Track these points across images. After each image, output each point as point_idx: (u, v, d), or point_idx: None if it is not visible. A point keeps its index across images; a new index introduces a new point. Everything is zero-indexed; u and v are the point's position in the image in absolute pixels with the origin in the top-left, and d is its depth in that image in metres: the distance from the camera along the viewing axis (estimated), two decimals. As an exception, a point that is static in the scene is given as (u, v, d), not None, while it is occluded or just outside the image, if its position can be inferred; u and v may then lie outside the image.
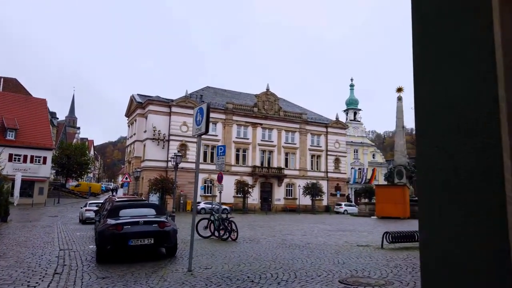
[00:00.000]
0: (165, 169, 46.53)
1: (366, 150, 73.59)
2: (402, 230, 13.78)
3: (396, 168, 35.14)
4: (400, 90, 36.74)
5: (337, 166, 58.04)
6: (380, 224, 25.75)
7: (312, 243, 14.20)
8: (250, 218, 31.85)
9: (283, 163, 53.79)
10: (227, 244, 13.71)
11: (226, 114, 51.03)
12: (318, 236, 16.82)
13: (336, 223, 26.31)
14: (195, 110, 9.36)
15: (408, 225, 24.97)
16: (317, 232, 19.13)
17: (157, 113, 47.38)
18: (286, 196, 53.70)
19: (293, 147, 55.09)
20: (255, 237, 16.01)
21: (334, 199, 55.87)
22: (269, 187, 52.82)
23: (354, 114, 74.72)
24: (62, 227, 20.30)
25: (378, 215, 32.16)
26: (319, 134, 57.50)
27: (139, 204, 12.53)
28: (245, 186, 46.02)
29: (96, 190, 66.40)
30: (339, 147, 58.69)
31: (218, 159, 16.12)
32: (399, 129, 36.27)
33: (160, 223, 10.30)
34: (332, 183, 57.07)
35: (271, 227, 21.69)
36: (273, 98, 54.50)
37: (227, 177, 49.49)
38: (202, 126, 9.00)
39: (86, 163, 65.34)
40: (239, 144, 51.50)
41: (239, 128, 51.86)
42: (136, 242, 9.85)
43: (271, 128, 53.79)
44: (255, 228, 21.12)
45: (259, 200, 51.42)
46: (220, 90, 57.05)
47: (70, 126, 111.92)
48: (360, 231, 20.16)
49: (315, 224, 24.82)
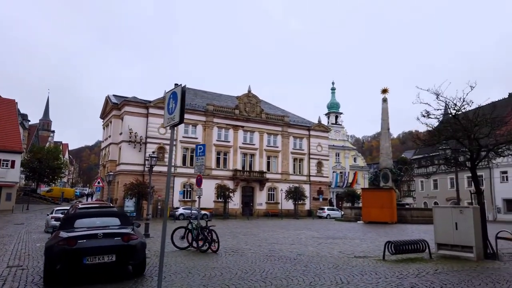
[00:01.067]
0: (141, 173, 44.17)
1: (347, 153, 72.76)
2: (405, 238, 12.21)
3: (382, 171, 33.92)
4: (385, 92, 35.67)
5: (319, 170, 56.73)
6: (369, 229, 24.27)
7: (303, 254, 12.46)
8: (232, 224, 29.93)
9: (265, 167, 52.11)
10: (207, 257, 11.82)
11: (207, 116, 49.05)
12: (308, 245, 15.10)
13: (323, 229, 24.70)
14: (167, 95, 7.48)
15: (398, 230, 23.59)
16: (305, 240, 17.42)
17: (134, 115, 45.01)
18: (268, 201, 51.99)
19: (275, 150, 53.50)
20: (239, 248, 14.17)
21: (317, 203, 54.49)
22: (251, 191, 51.02)
23: (336, 117, 73.87)
24: (24, 237, 17.99)
25: (365, 220, 30.77)
26: (301, 137, 56.12)
27: (100, 212, 10.49)
28: (226, 191, 44.11)
29: (69, 195, 63.05)
30: (322, 151, 57.45)
31: (197, 159, 14.22)
32: (384, 131, 35.10)
33: (124, 236, 8.35)
34: (314, 187, 55.71)
35: (255, 235, 19.87)
36: (254, 100, 52.85)
37: (207, 181, 47.39)
38: (175, 115, 7.14)
39: (59, 167, 62.06)
40: (220, 147, 49.56)
41: (220, 130, 49.94)
42: (93, 260, 7.88)
43: (253, 130, 52.08)
44: (238, 236, 19.26)
45: (240, 205, 49.53)
46: (200, 91, 55.04)
47: (44, 129, 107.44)
48: (350, 238, 18.56)
49: (301, 231, 23.13)
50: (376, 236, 19.69)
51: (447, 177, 59.18)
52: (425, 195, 60.98)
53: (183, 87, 7.13)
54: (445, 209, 12.71)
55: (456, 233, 11.91)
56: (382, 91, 35.88)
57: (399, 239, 17.96)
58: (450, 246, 12.14)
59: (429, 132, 14.35)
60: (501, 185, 51.01)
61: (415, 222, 30.70)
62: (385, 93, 35.72)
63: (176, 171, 46.26)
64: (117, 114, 46.85)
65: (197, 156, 14.09)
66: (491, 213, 51.77)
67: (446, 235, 12.24)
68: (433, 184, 61.63)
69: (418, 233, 21.92)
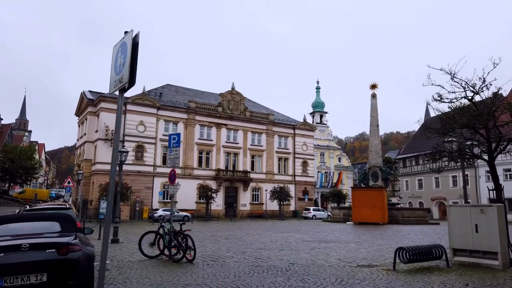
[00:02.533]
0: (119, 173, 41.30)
1: (332, 153, 71.24)
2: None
3: (371, 169, 32.18)
4: (374, 87, 33.99)
5: (304, 169, 54.91)
6: (361, 231, 22.35)
7: (296, 263, 10.33)
8: (214, 227, 27.65)
9: (249, 166, 49.96)
10: (180, 268, 9.59)
11: (188, 114, 46.63)
12: (300, 251, 12.99)
13: (312, 231, 22.66)
14: (114, 49, 5.27)
15: (393, 232, 21.74)
16: (295, 244, 15.32)
17: (110, 111, 42.20)
18: (252, 201, 49.86)
19: (259, 149, 51.41)
20: (220, 255, 11.95)
21: (302, 204, 52.62)
22: (234, 191, 48.79)
23: (320, 117, 72.31)
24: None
25: (355, 220, 28.93)
26: (286, 136, 54.20)
27: (33, 216, 8.10)
28: (209, 191, 41.77)
29: (43, 197, 59.32)
30: (307, 150, 55.65)
31: (170, 152, 11.91)
32: (374, 128, 33.40)
33: (62, 247, 6.05)
34: (299, 187, 53.85)
35: (238, 239, 17.66)
36: (238, 97, 50.67)
37: (189, 182, 44.98)
38: (124, 75, 4.93)
39: (32, 167, 58.53)
40: (202, 146, 47.17)
41: (202, 128, 47.57)
42: (14, 281, 5.60)
43: (237, 129, 49.88)
44: (219, 240, 17.01)
45: (223, 206, 47.25)
46: (182, 88, 52.57)
47: (20, 129, 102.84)
48: (345, 241, 16.55)
49: (289, 233, 21.04)
50: (371, 239, 17.75)
51: (432, 176, 58.27)
52: (410, 194, 59.86)
53: (135, 35, 4.92)
54: (463, 208, 10.76)
55: (477, 237, 9.98)
56: (371, 86, 34.19)
57: (399, 242, 16.08)
58: (469, 252, 10.19)
59: (440, 120, 12.44)
60: (486, 184, 50.12)
61: (406, 222, 29.05)
62: (374, 88, 34.03)
63: (156, 171, 43.69)
64: (93, 111, 43.98)
65: (171, 148, 11.82)
66: (477, 212, 50.82)
67: (463, 239, 10.29)
68: (418, 183, 60.60)
69: (416, 234, 20.12)
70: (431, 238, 17.87)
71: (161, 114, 44.75)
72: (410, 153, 62.97)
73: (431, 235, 20.02)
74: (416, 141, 65.78)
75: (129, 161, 41.95)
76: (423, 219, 30.37)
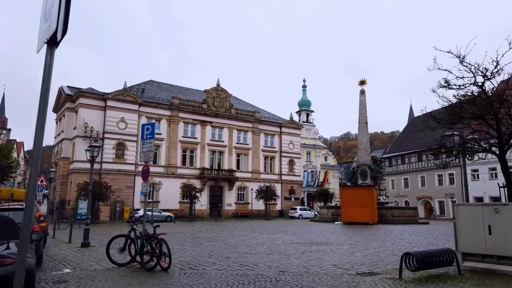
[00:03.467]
0: (98, 171, 39.49)
1: (318, 152, 70.31)
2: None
3: (360, 167, 31.12)
4: (363, 83, 32.93)
5: (291, 168, 53.72)
6: (352, 232, 21.17)
7: (287, 271, 8.98)
8: (197, 227, 26.15)
9: (234, 165, 48.50)
10: (152, 278, 8.13)
11: (172, 111, 44.88)
12: (290, 255, 11.65)
13: (301, 232, 21.38)
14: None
15: (386, 232, 20.61)
16: (284, 247, 13.98)
17: (90, 107, 40.25)
18: (238, 201, 48.41)
19: (245, 148, 49.99)
20: (200, 262, 10.53)
21: (289, 203, 51.42)
22: (219, 191, 47.26)
23: (307, 115, 71.30)
24: None
25: (344, 220, 27.76)
26: (272, 134, 52.91)
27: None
28: (192, 190, 40.14)
29: (19, 196, 56.66)
30: (294, 148, 54.48)
31: (143, 144, 10.38)
32: (362, 125, 32.33)
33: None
34: (286, 186, 52.63)
35: (222, 241, 16.24)
36: (224, 94, 49.15)
37: (172, 181, 43.30)
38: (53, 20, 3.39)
39: (9, 166, 56.00)
40: (186, 144, 45.50)
41: (186, 126, 45.88)
42: None
43: (222, 126, 48.36)
44: (202, 243, 15.55)
45: (208, 205, 45.67)
46: (165, 84, 50.74)
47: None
48: (337, 243, 15.29)
49: (276, 234, 19.71)
50: (364, 240, 16.54)
51: (418, 175, 57.86)
52: (396, 194, 59.36)
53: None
54: (474, 207, 9.56)
55: (490, 240, 8.79)
56: (360, 82, 33.13)
57: (394, 244, 14.92)
58: (480, 257, 9.01)
59: (446, 109, 11.25)
60: (471, 183, 49.79)
61: (396, 222, 28.05)
62: (363, 84, 32.97)
63: (137, 170, 41.78)
64: (71, 107, 41.90)
65: (144, 140, 10.32)
66: (463, 211, 50.48)
67: (475, 242, 9.10)
68: (403, 182, 60.16)
69: (409, 235, 19.03)
70: (427, 239, 16.79)
71: (143, 110, 42.94)
72: (396, 152, 62.50)
73: (426, 235, 18.96)
74: (402, 140, 65.40)
75: (109, 159, 40.15)
76: (413, 218, 29.45)
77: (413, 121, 67.43)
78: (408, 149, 59.58)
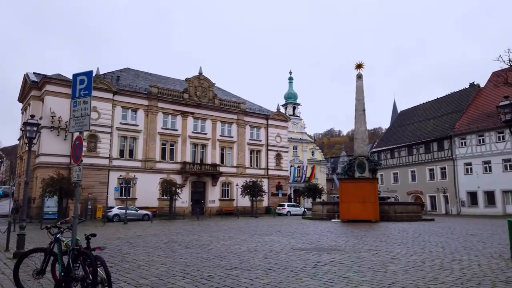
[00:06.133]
0: (67, 166, 35.14)
1: (305, 147, 67.09)
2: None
3: (357, 159, 27.78)
4: (360, 67, 29.55)
5: (278, 163, 50.19)
6: (359, 232, 17.68)
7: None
8: (175, 228, 22.27)
9: (218, 159, 44.65)
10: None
11: (150, 100, 40.69)
12: (299, 271, 8.01)
13: (298, 232, 17.76)
14: None
15: (399, 232, 17.16)
16: (286, 256, 10.34)
17: (57, 95, 35.78)
18: (222, 197, 44.62)
19: (230, 141, 46.18)
20: (167, 283, 6.76)
21: (276, 200, 47.92)
22: (202, 187, 43.38)
23: (293, 108, 67.97)
24: None
25: (343, 217, 24.34)
26: (259, 127, 49.24)
27: None
28: (173, 186, 36.15)
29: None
30: (281, 142, 50.95)
31: (74, 105, 6.49)
32: (360, 113, 28.97)
33: None
34: (273, 181, 49.09)
35: (203, 247, 12.49)
36: (207, 83, 45.17)
37: (150, 176, 39.15)
38: None
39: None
40: (166, 136, 41.41)
41: (165, 117, 41.77)
42: None
43: (205, 118, 44.42)
44: (176, 251, 11.76)
45: (189, 202, 41.76)
46: (143, 72, 46.44)
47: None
48: (352, 249, 11.72)
49: (270, 237, 16.05)
50: (381, 244, 13.06)
51: (408, 169, 55.23)
52: (385, 188, 56.49)
53: None
54: None
55: None
56: (357, 66, 29.71)
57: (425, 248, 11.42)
58: None
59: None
60: (464, 177, 47.42)
61: (399, 219, 24.83)
62: (359, 68, 29.56)
63: (112, 164, 37.60)
64: (37, 95, 37.26)
65: (76, 99, 6.44)
66: (455, 206, 48.03)
67: None
68: (393, 177, 57.46)
69: (430, 235, 15.61)
70: (458, 242, 13.43)
71: (118, 99, 38.61)
72: (384, 146, 59.77)
73: (449, 236, 15.64)
74: (391, 134, 62.77)
75: (79, 152, 35.72)
76: (417, 214, 26.26)
77: (402, 115, 64.92)
78: (398, 143, 56.90)
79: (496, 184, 43.31)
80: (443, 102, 56.16)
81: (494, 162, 43.97)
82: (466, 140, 47.34)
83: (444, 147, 49.89)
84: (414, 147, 54.18)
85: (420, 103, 61.11)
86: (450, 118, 51.46)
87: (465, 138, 47.45)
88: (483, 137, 45.43)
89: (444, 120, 52.26)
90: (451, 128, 49.10)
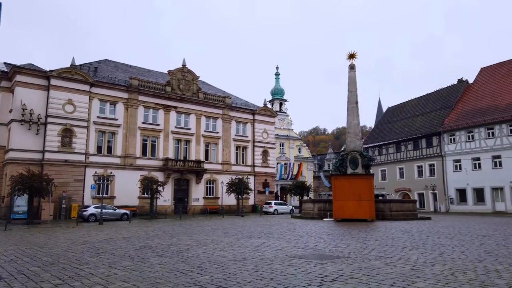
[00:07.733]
0: (40, 162, 32.48)
1: (292, 143, 65.34)
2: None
3: (350, 154, 26.06)
4: (353, 57, 27.79)
5: (265, 159, 48.26)
6: (357, 233, 15.82)
7: None
8: (154, 229, 20.04)
9: (202, 156, 42.45)
10: None
11: (130, 93, 38.19)
12: (302, 292, 5.99)
13: (289, 234, 15.78)
14: None
15: (402, 233, 15.35)
16: (281, 267, 8.33)
17: (29, 86, 33.08)
18: (206, 195, 42.45)
19: (215, 137, 44.01)
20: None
21: (262, 197, 46.00)
22: (186, 184, 41.12)
23: (280, 105, 66.10)
24: None
25: (337, 216, 22.54)
26: (245, 122, 47.17)
27: None
28: (154, 184, 33.87)
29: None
30: (268, 138, 49.01)
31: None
32: (352, 105, 27.23)
33: None
34: (259, 178, 47.14)
35: (181, 254, 10.38)
36: (190, 76, 42.86)
37: (130, 173, 36.66)
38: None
39: None
40: (147, 131, 38.97)
41: (146, 111, 39.32)
42: None
43: (188, 112, 42.12)
44: (147, 260, 9.61)
45: (172, 201, 39.48)
46: (123, 64, 43.79)
47: None
48: (359, 256, 9.80)
49: (258, 239, 14.04)
50: (389, 248, 11.19)
51: (396, 167, 54.05)
52: (373, 186, 55.14)
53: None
54: None
55: None
56: (349, 56, 27.94)
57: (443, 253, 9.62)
58: None
59: None
60: (453, 174, 46.37)
61: (395, 218, 23.20)
62: (352, 58, 27.80)
63: (88, 160, 35.01)
64: (7, 86, 34.37)
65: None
66: (444, 204, 46.94)
67: None
68: (381, 174, 56.16)
69: (438, 236, 13.83)
70: (472, 245, 11.66)
71: (96, 92, 36.01)
72: (372, 143, 58.48)
73: (458, 237, 13.90)
74: (378, 130, 61.56)
75: (53, 147, 33.16)
76: (413, 213, 24.69)
77: (389, 111, 63.78)
78: (386, 140, 55.65)
79: (486, 181, 42.33)
80: (431, 99, 55.10)
81: (484, 158, 42.98)
82: (455, 136, 46.28)
83: (433, 144, 48.77)
84: (402, 144, 52.99)
85: (408, 100, 60.02)
86: (438, 114, 50.38)
87: (454, 134, 46.39)
88: (473, 133, 44.42)
89: (433, 116, 51.17)
90: (440, 125, 48.00)
